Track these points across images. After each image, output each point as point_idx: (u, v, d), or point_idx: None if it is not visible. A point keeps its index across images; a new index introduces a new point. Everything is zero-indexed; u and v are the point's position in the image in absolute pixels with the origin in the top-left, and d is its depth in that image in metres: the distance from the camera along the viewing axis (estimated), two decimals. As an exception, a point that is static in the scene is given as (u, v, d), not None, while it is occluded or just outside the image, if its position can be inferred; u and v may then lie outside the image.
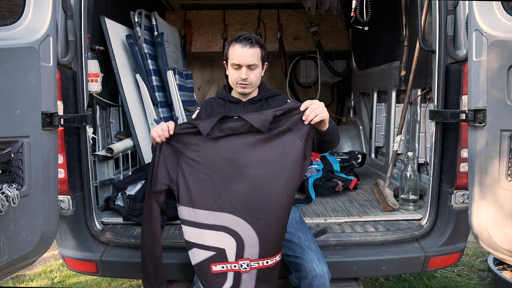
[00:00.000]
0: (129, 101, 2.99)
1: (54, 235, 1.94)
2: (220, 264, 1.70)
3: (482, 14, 1.79)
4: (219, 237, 1.71)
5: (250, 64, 1.98)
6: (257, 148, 1.70)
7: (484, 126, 1.81)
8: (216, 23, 4.86)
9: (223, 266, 1.70)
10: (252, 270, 1.69)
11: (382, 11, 3.42)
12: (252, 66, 2.00)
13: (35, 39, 1.73)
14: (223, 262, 1.70)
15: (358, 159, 3.52)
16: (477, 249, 3.86)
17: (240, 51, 1.97)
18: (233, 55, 1.99)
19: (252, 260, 1.69)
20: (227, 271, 1.71)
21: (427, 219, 2.29)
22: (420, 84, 2.77)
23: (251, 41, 1.97)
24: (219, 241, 1.71)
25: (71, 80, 2.13)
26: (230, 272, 1.70)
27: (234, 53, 1.98)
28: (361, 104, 4.42)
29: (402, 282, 3.31)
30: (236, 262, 1.70)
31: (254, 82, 2.05)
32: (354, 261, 2.25)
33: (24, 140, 1.70)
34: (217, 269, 1.71)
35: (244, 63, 1.98)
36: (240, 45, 1.97)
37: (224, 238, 1.71)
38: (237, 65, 1.99)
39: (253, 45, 1.97)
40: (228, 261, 1.71)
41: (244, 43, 1.96)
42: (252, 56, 1.98)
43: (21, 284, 3.45)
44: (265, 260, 1.70)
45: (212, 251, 1.71)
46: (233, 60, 2.00)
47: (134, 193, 2.59)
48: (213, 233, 1.71)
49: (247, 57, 1.97)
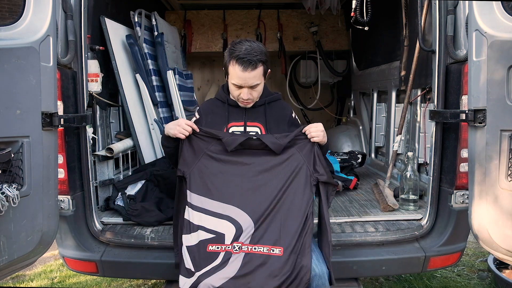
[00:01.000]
0: (129, 101, 2.99)
1: (54, 235, 1.94)
2: (216, 245, 1.87)
3: (482, 14, 1.79)
4: (222, 224, 1.90)
5: (252, 85, 1.95)
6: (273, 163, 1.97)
7: (484, 126, 1.81)
8: (216, 23, 4.86)
9: (219, 247, 1.87)
10: (241, 252, 1.84)
11: (382, 11, 3.42)
12: (254, 87, 1.96)
13: (35, 39, 1.73)
14: (219, 244, 1.88)
15: (358, 159, 3.51)
16: (477, 249, 3.86)
17: (241, 75, 1.91)
18: (234, 76, 1.93)
19: (244, 244, 1.86)
20: (220, 251, 1.86)
21: (427, 219, 2.29)
22: (420, 84, 2.77)
23: (253, 64, 1.89)
24: (221, 226, 1.90)
25: (71, 80, 2.13)
26: (222, 252, 1.86)
27: (235, 74, 1.92)
28: (361, 104, 4.42)
29: (402, 282, 3.30)
30: (230, 245, 1.86)
31: (256, 97, 2.02)
32: (354, 261, 2.25)
33: (24, 140, 1.70)
34: (212, 248, 1.87)
35: (246, 85, 1.94)
36: (241, 68, 1.89)
37: (225, 225, 1.90)
38: (238, 86, 1.96)
39: (255, 68, 1.90)
40: (225, 243, 1.87)
41: (246, 67, 1.89)
42: (254, 78, 1.93)
43: (21, 284, 3.45)
44: (254, 246, 1.85)
45: (213, 234, 1.89)
46: (233, 80, 1.95)
47: (134, 193, 2.58)
48: (218, 220, 1.91)
49: (249, 80, 1.92)
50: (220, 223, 1.91)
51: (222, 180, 1.97)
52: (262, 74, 1.96)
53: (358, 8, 2.88)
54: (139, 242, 2.26)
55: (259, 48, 1.93)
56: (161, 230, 2.36)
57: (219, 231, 1.90)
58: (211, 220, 1.92)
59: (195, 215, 1.94)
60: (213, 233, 1.90)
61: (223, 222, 1.91)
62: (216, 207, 1.93)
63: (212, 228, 1.91)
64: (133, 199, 2.52)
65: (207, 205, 1.94)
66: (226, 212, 1.92)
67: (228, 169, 1.97)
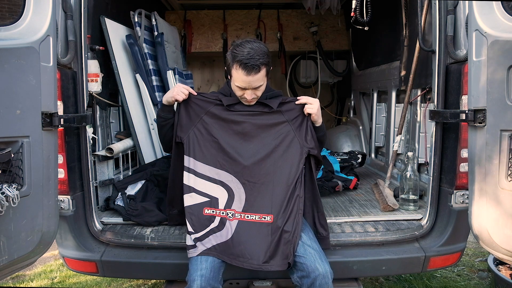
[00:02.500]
0: (129, 101, 2.99)
1: (54, 235, 1.94)
2: (211, 209, 2.08)
3: (482, 14, 1.79)
4: (215, 188, 2.10)
5: (255, 87, 1.98)
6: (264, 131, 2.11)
7: (484, 126, 1.81)
8: (216, 23, 4.86)
9: (213, 211, 2.08)
10: (234, 220, 2.05)
11: (382, 11, 3.42)
12: (258, 87, 2.00)
13: (35, 39, 1.73)
14: (214, 208, 2.08)
15: (358, 159, 3.51)
16: (477, 249, 3.86)
17: (245, 79, 1.94)
18: (237, 79, 1.96)
19: (237, 212, 2.07)
20: (215, 215, 2.07)
21: (427, 219, 2.29)
22: (420, 84, 2.77)
23: (256, 68, 1.91)
24: (214, 191, 2.10)
25: (71, 80, 2.13)
26: (217, 217, 2.07)
27: (239, 78, 1.95)
28: (361, 104, 4.42)
29: (402, 282, 3.31)
30: (224, 210, 2.07)
31: (259, 96, 2.06)
32: (354, 261, 2.25)
33: (24, 140, 1.70)
34: (208, 212, 2.08)
35: (250, 88, 1.98)
36: (245, 73, 1.92)
37: (219, 190, 2.10)
38: (242, 88, 1.99)
39: (258, 71, 1.93)
40: (219, 208, 2.08)
41: (249, 71, 1.91)
42: (258, 80, 1.96)
43: (21, 284, 3.45)
44: (246, 214, 2.05)
45: (207, 198, 2.09)
46: (237, 83, 1.98)
47: (134, 193, 2.58)
48: (211, 185, 2.10)
49: (253, 83, 1.96)
50: (214, 188, 2.09)
51: (216, 146, 2.10)
52: (265, 75, 1.99)
53: (358, 8, 2.88)
54: (139, 242, 2.26)
55: (261, 50, 1.94)
56: (161, 230, 2.35)
57: (213, 195, 2.09)
58: (206, 184, 2.10)
59: (191, 178, 2.11)
60: (207, 197, 2.09)
61: (216, 187, 2.09)
62: (210, 172, 2.10)
63: (206, 192, 2.09)
64: (133, 199, 2.52)
65: (201, 169, 2.11)
66: (218, 177, 2.10)
67: (223, 137, 2.10)
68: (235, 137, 2.11)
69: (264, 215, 2.04)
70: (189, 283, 1.88)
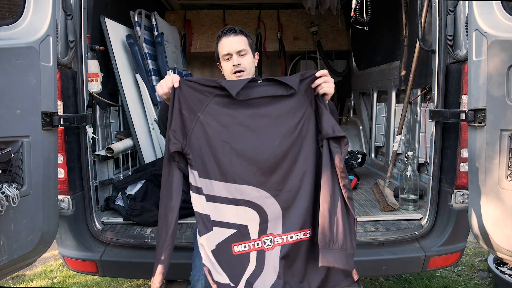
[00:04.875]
0: (129, 101, 2.99)
1: (54, 235, 1.94)
2: (242, 244, 1.56)
3: (482, 14, 1.79)
4: (241, 213, 1.58)
5: (239, 50, 1.99)
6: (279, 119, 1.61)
7: (484, 126, 1.81)
8: (216, 23, 4.86)
9: (245, 245, 1.56)
10: (275, 247, 1.56)
11: (382, 11, 3.42)
12: (242, 52, 1.99)
13: (35, 39, 1.73)
14: (245, 241, 1.56)
15: (358, 159, 3.51)
16: (477, 249, 3.86)
17: (226, 41, 2.00)
18: (222, 48, 2.02)
19: (276, 236, 1.57)
20: (249, 250, 1.56)
21: (427, 219, 2.29)
22: (420, 84, 2.77)
23: (234, 30, 2.01)
24: (241, 217, 1.58)
25: (71, 80, 2.13)
26: (253, 252, 1.56)
27: (222, 46, 2.01)
28: (361, 104, 4.42)
29: (402, 282, 3.30)
30: (259, 239, 1.56)
31: (248, 67, 2.01)
32: (354, 261, 2.24)
33: (24, 140, 1.70)
34: (239, 249, 1.56)
35: (233, 51, 1.98)
36: (225, 37, 2.01)
37: (246, 214, 1.58)
38: (227, 55, 2.00)
39: (237, 34, 2.00)
40: (251, 238, 1.56)
41: (228, 34, 2.00)
42: (239, 42, 2.00)
43: (21, 284, 3.45)
44: (288, 234, 1.57)
45: (234, 228, 1.56)
46: (223, 52, 2.01)
47: (134, 193, 2.59)
48: (234, 208, 1.57)
49: (234, 44, 1.99)
50: (238, 212, 1.57)
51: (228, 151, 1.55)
52: (247, 43, 2.01)
53: (358, 8, 2.88)
54: (139, 242, 2.26)
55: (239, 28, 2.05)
56: (161, 230, 2.35)
57: (239, 223, 1.57)
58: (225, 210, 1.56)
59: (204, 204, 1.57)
60: (233, 228, 1.56)
61: (241, 210, 1.57)
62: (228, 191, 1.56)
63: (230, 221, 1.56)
64: (133, 199, 2.52)
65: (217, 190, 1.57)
66: (242, 196, 1.57)
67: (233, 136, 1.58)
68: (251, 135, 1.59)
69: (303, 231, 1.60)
70: (193, 282, 1.81)
